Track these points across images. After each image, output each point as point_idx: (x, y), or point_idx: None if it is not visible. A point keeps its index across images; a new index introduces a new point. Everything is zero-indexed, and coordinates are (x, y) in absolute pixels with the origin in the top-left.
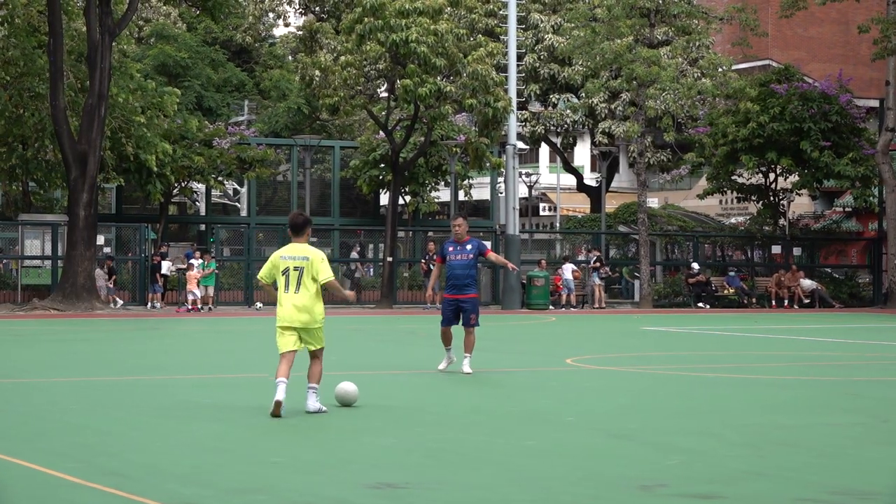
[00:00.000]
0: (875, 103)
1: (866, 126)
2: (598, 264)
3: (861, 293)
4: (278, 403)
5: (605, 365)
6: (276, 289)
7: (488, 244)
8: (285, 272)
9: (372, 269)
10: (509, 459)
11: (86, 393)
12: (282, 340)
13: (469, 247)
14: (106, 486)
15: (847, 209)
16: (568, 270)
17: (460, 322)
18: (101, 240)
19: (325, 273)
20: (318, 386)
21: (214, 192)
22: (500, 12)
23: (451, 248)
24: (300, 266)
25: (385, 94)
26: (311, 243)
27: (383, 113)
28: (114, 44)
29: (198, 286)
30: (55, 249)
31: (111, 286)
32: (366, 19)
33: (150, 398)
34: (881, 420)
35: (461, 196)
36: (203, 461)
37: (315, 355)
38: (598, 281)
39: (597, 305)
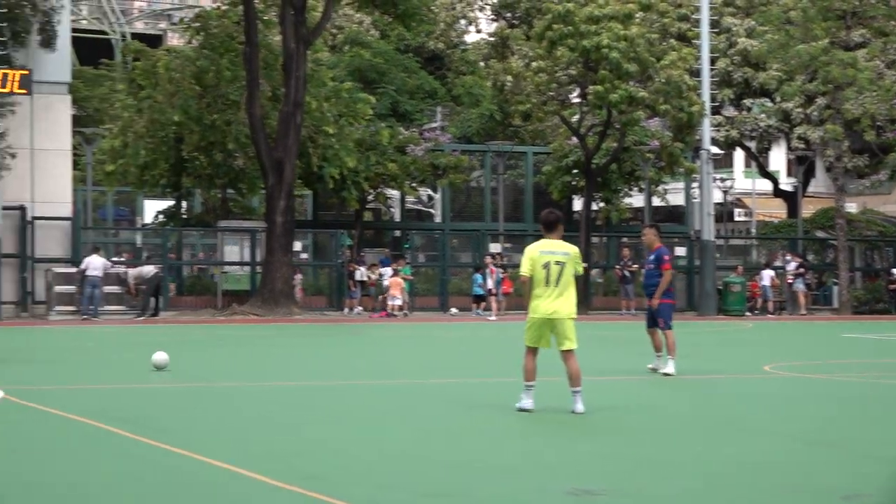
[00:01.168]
0: None
1: None
2: (801, 270)
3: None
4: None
5: (805, 372)
6: (534, 284)
7: (682, 250)
8: (546, 266)
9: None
10: (708, 468)
11: (286, 396)
12: (533, 335)
13: (652, 257)
14: (304, 488)
15: None
16: (767, 277)
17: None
18: (297, 246)
19: (580, 269)
20: (581, 388)
21: (409, 199)
22: (693, 16)
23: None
24: (562, 261)
25: (577, 100)
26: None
27: (575, 118)
28: (308, 52)
29: (401, 292)
30: (253, 255)
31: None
32: (556, 25)
33: (347, 402)
34: None
35: (656, 202)
36: (400, 465)
37: (569, 356)
38: (802, 287)
39: (802, 312)
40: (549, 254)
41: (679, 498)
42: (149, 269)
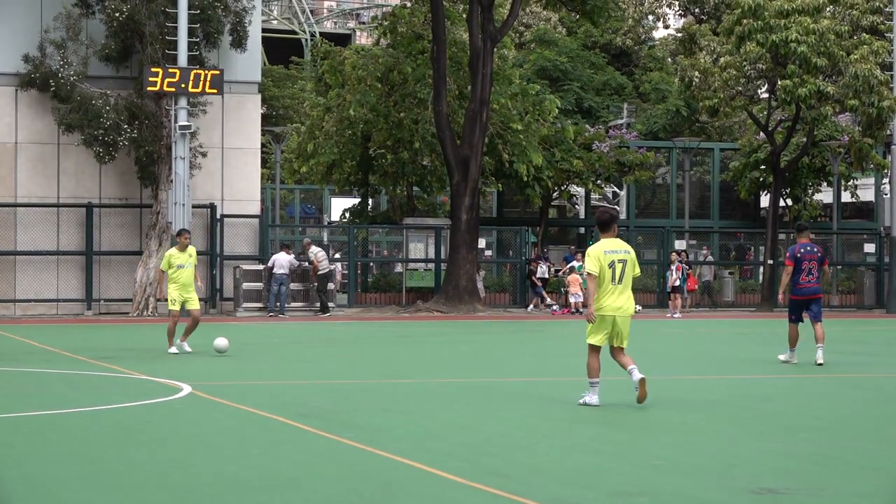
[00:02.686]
0: None
1: None
2: None
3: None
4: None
5: None
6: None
7: (871, 247)
8: (611, 265)
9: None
10: (893, 467)
11: (469, 393)
12: (598, 336)
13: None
14: (489, 486)
15: None
16: None
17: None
18: (482, 243)
19: (638, 270)
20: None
21: (594, 196)
22: (886, 9)
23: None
24: (624, 259)
25: (765, 95)
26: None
27: (763, 114)
28: (495, 50)
29: (581, 289)
30: (438, 252)
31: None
32: (745, 20)
33: (531, 399)
34: None
35: (847, 197)
36: (584, 462)
37: (623, 352)
38: None
39: None
40: (613, 253)
41: (863, 496)
42: (324, 265)
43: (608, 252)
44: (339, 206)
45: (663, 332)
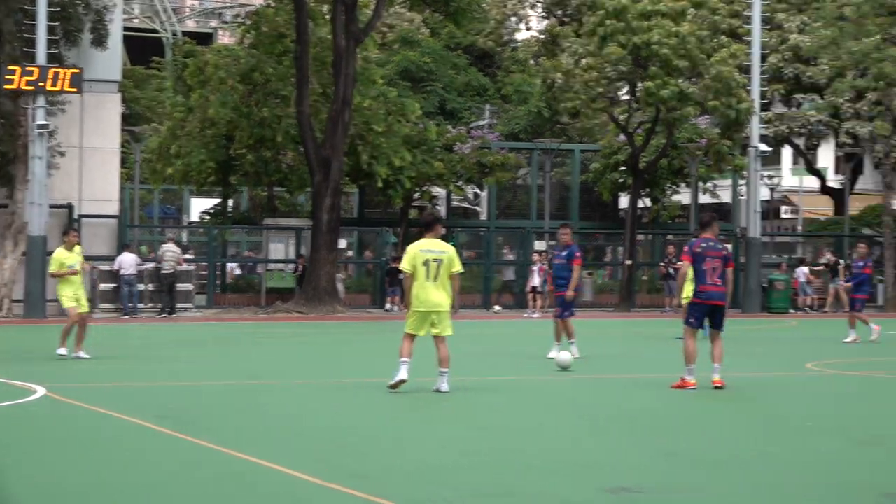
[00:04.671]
0: None
1: None
2: (839, 268)
3: None
4: (402, 382)
5: (848, 370)
6: (415, 279)
7: (728, 247)
8: (426, 264)
9: (608, 273)
10: (749, 465)
11: (327, 393)
12: (414, 323)
13: (565, 252)
14: (347, 487)
15: None
16: (802, 274)
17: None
18: (342, 243)
19: (459, 266)
20: (448, 370)
21: (454, 197)
22: (744, 13)
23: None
24: (440, 258)
25: (626, 97)
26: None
27: (624, 116)
28: (358, 50)
29: None
30: (298, 253)
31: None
32: (608, 22)
33: (391, 399)
34: None
35: (704, 199)
36: (445, 462)
37: (442, 340)
38: (843, 284)
39: (846, 309)
40: (429, 252)
41: (718, 495)
42: (169, 265)
43: (424, 251)
44: (198, 207)
45: (529, 332)
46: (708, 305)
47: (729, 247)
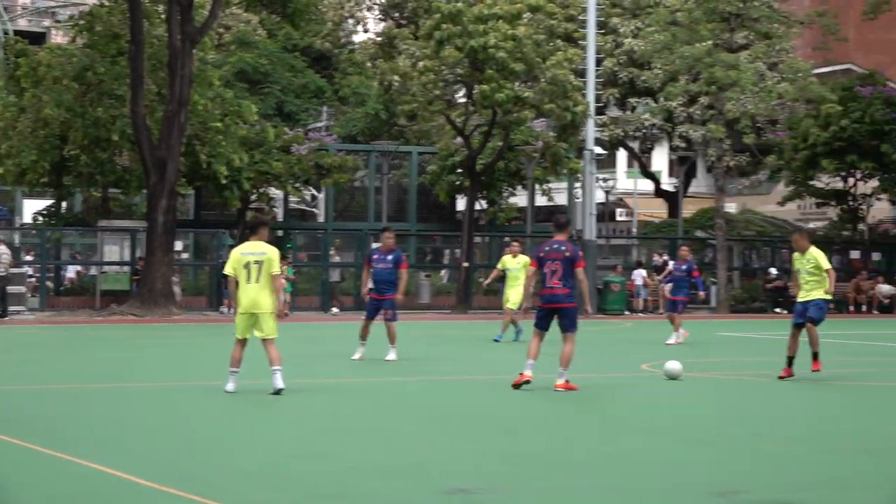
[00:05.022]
0: None
1: None
2: (668, 269)
3: None
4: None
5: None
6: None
7: (574, 247)
8: (246, 266)
9: (447, 275)
10: (585, 466)
11: (163, 396)
12: (239, 326)
13: (390, 257)
14: (184, 490)
15: None
16: (639, 277)
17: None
18: (178, 246)
19: (277, 267)
20: (281, 367)
21: (292, 199)
22: (579, 17)
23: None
24: (260, 260)
25: (463, 100)
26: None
27: (461, 118)
28: (194, 51)
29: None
30: (134, 255)
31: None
32: (444, 25)
33: (229, 401)
34: None
35: (540, 201)
36: (284, 465)
37: (269, 343)
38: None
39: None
40: (250, 255)
41: (555, 495)
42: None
43: (244, 254)
44: (31, 208)
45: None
46: (547, 308)
47: (574, 247)
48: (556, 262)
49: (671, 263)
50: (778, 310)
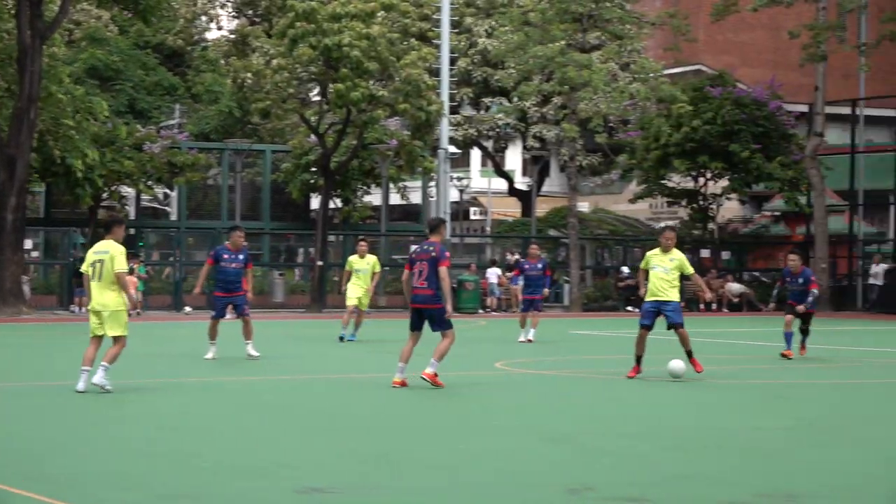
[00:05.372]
0: (804, 108)
1: (796, 132)
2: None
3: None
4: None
5: (535, 369)
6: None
7: (440, 247)
8: (93, 265)
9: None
10: (440, 464)
11: (13, 398)
12: (91, 324)
13: (241, 256)
14: (31, 491)
15: (775, 213)
16: (493, 275)
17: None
18: (28, 244)
19: (119, 265)
20: (108, 365)
21: (144, 197)
22: (434, 16)
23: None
24: (102, 258)
25: (317, 98)
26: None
27: (315, 117)
28: (44, 47)
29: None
30: None
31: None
32: (298, 23)
33: (74, 403)
34: (807, 423)
35: (395, 200)
36: (131, 465)
37: (115, 341)
38: (519, 285)
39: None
40: (95, 253)
41: (410, 493)
42: None
43: (94, 252)
44: None
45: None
46: (415, 309)
47: (442, 248)
48: (423, 262)
49: (521, 262)
50: (630, 308)
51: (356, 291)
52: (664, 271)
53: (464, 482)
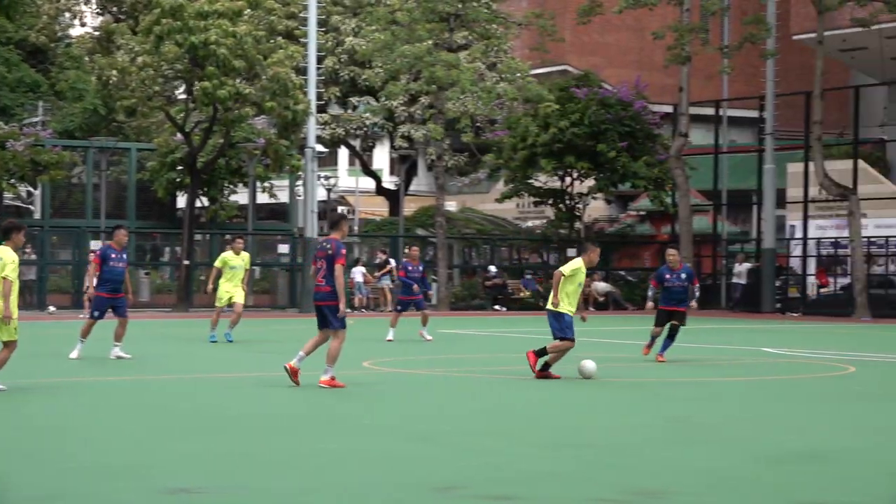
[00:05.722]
0: (669, 109)
1: (660, 132)
2: (388, 267)
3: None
4: None
5: (403, 368)
6: None
7: (286, 248)
8: None
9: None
10: (307, 464)
11: None
12: None
13: (125, 255)
14: None
15: (640, 213)
16: (359, 274)
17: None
18: None
19: (6, 273)
20: None
21: (7, 195)
22: (301, 14)
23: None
24: None
25: (183, 96)
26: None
27: (181, 115)
28: None
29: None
30: None
31: None
32: (164, 21)
33: None
34: (674, 421)
35: (262, 199)
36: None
37: (5, 346)
38: (388, 284)
39: (389, 308)
40: None
41: (277, 494)
42: None
43: None
44: None
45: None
46: (315, 306)
47: (338, 245)
48: (321, 259)
49: (393, 262)
50: (497, 307)
51: (229, 290)
52: (578, 285)
53: (330, 482)
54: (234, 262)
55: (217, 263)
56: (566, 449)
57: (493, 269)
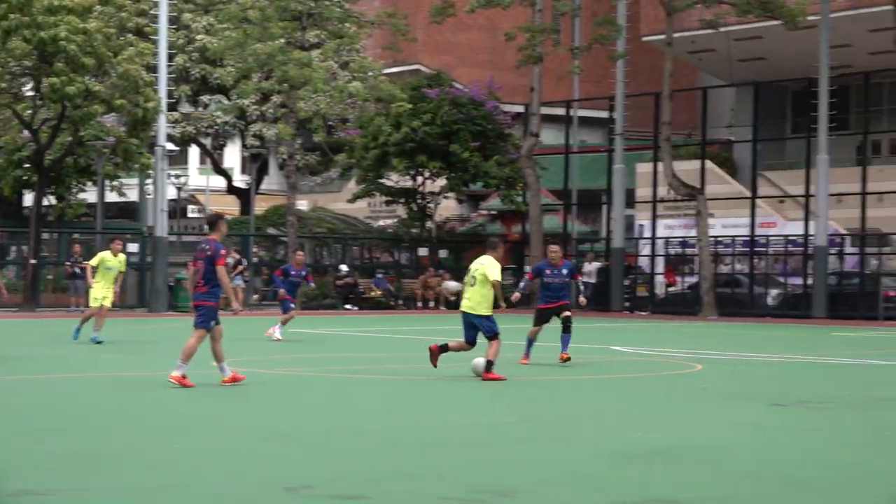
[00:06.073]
0: (521, 109)
1: (512, 132)
2: (240, 267)
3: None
4: None
5: (254, 367)
6: None
7: (135, 246)
8: None
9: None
10: (158, 465)
11: None
12: None
13: None
14: None
15: (492, 212)
16: None
17: None
18: None
19: None
20: None
21: None
22: (151, 12)
23: None
24: None
25: (31, 93)
26: None
27: (29, 112)
28: None
29: None
30: None
31: None
32: (12, 15)
33: None
34: (529, 420)
35: (111, 197)
36: None
37: None
38: (241, 283)
39: (239, 308)
40: None
41: (121, 494)
42: None
43: None
44: None
45: None
46: (195, 306)
47: (217, 245)
48: (200, 260)
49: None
50: (348, 306)
51: (101, 291)
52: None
53: (179, 483)
54: (111, 262)
55: (93, 262)
56: (421, 447)
57: (344, 268)
